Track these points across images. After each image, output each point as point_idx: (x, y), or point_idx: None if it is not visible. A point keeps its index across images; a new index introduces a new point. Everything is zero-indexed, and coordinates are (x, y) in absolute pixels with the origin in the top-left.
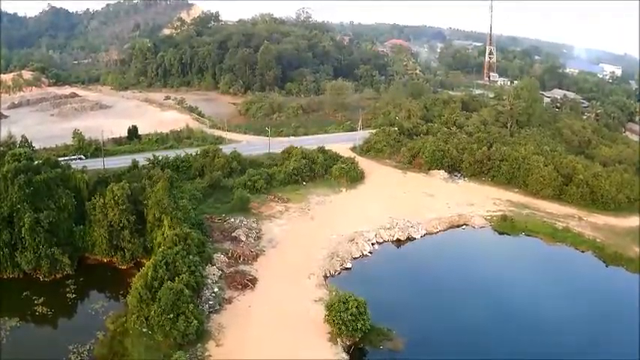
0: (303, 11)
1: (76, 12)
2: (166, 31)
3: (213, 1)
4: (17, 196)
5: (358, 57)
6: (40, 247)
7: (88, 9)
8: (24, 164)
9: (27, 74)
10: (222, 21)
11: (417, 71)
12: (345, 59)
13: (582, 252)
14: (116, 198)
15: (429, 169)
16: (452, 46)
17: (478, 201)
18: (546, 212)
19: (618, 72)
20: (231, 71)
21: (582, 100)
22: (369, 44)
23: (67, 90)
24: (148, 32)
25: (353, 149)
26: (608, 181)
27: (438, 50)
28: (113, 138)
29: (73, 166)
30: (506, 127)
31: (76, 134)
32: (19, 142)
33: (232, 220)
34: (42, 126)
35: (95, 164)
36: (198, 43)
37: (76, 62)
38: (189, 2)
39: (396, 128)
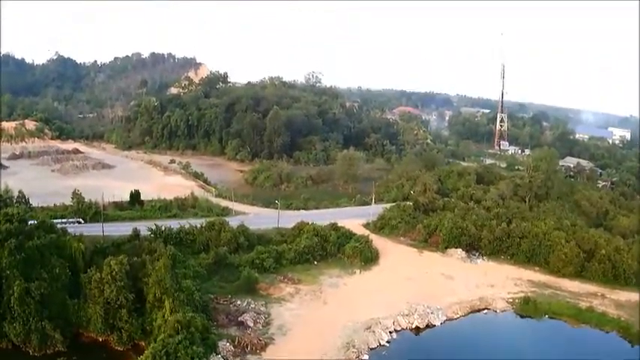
0: (312, 75)
1: (84, 63)
2: (173, 90)
3: (221, 62)
4: (7, 261)
5: (368, 125)
6: (30, 319)
7: (95, 61)
8: (16, 227)
9: (30, 124)
10: (230, 82)
11: (428, 140)
12: (355, 127)
13: (607, 332)
14: (113, 273)
15: (446, 248)
16: (460, 113)
17: (498, 282)
18: (568, 291)
19: (627, 135)
20: (238, 136)
21: (595, 168)
22: (378, 111)
23: (70, 145)
24: (155, 90)
25: (366, 226)
26: (629, 255)
27: (447, 118)
28: (114, 202)
29: (71, 230)
30: (525, 201)
31: (76, 195)
32: (15, 196)
33: (239, 302)
34: (41, 181)
35: (94, 229)
36: (205, 105)
37: (81, 116)
38: (198, 62)
39: (411, 203)
